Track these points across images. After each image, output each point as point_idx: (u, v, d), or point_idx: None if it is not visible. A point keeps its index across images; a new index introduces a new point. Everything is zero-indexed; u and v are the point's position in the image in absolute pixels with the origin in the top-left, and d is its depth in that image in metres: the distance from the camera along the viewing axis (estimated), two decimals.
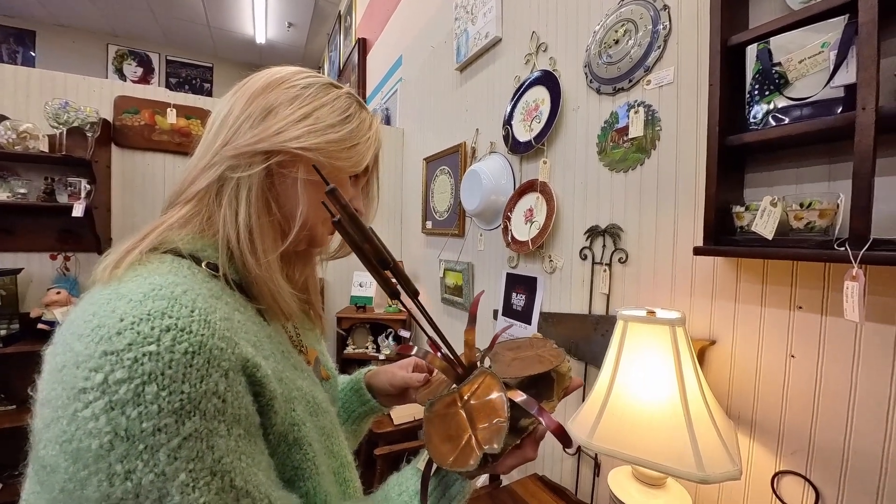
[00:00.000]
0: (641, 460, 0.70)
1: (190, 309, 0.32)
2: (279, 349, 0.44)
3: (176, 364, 0.30)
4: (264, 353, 0.39)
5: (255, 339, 0.39)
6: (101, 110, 1.93)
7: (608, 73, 1.12)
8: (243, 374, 0.34)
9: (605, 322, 1.11)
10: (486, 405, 0.40)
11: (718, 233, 0.80)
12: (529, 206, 1.39)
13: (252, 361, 0.35)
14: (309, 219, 0.47)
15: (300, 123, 0.44)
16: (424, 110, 2.28)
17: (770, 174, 0.80)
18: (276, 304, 0.44)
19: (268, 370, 0.37)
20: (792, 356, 0.77)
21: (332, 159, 0.46)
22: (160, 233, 0.41)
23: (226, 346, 0.33)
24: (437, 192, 2.08)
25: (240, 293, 0.42)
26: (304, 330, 0.57)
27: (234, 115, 0.45)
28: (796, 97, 0.70)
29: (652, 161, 1.02)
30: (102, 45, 4.80)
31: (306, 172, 0.45)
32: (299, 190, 0.45)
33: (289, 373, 0.43)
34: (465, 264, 1.80)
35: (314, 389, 0.47)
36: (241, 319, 0.38)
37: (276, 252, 0.44)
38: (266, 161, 0.43)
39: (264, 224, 0.43)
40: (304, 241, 0.50)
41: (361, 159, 0.49)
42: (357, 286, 2.34)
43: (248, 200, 0.42)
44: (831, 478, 0.72)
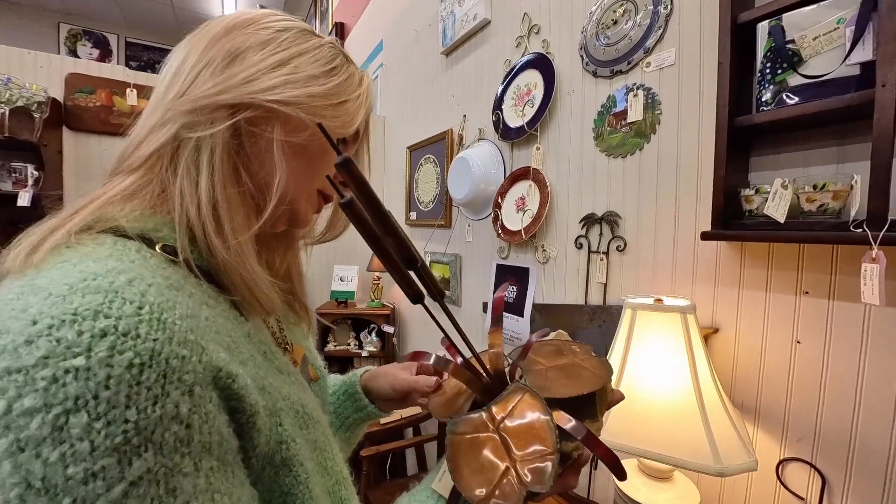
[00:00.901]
0: (654, 454, 0.66)
1: (137, 305, 0.24)
2: (260, 350, 0.36)
3: (116, 382, 0.22)
4: (241, 356, 0.32)
5: (228, 339, 0.31)
6: (51, 89, 1.75)
7: (605, 55, 1.08)
8: (214, 387, 0.27)
9: (601, 312, 1.08)
10: (527, 431, 0.33)
11: (726, 217, 0.78)
12: (521, 194, 1.35)
13: (226, 370, 0.28)
14: (289, 191, 0.39)
15: (275, 71, 0.36)
16: (408, 97, 2.20)
17: (777, 157, 0.78)
18: (253, 296, 0.36)
19: (247, 379, 0.30)
20: (798, 342, 0.76)
21: (316, 117, 0.38)
22: (96, 208, 0.32)
23: (188, 352, 0.25)
24: (422, 181, 2.01)
25: (207, 283, 0.34)
26: (287, 324, 0.50)
27: (190, 61, 0.36)
28: (811, 75, 0.68)
29: (652, 146, 0.99)
30: (53, 23, 4.42)
31: (284, 132, 0.37)
32: (276, 153, 0.37)
33: (272, 378, 0.35)
34: (452, 256, 1.75)
35: (303, 396, 0.39)
36: (209, 316, 0.30)
37: (249, 232, 0.36)
38: (232, 116, 0.35)
39: (232, 196, 0.35)
40: (283, 220, 0.42)
41: (351, 120, 0.41)
42: (338, 280, 2.25)
43: (210, 166, 0.34)
44: (838, 464, 0.71)
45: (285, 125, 0.37)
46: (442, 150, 1.81)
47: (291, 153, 0.38)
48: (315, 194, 0.43)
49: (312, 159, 0.40)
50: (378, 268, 2.24)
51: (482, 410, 0.37)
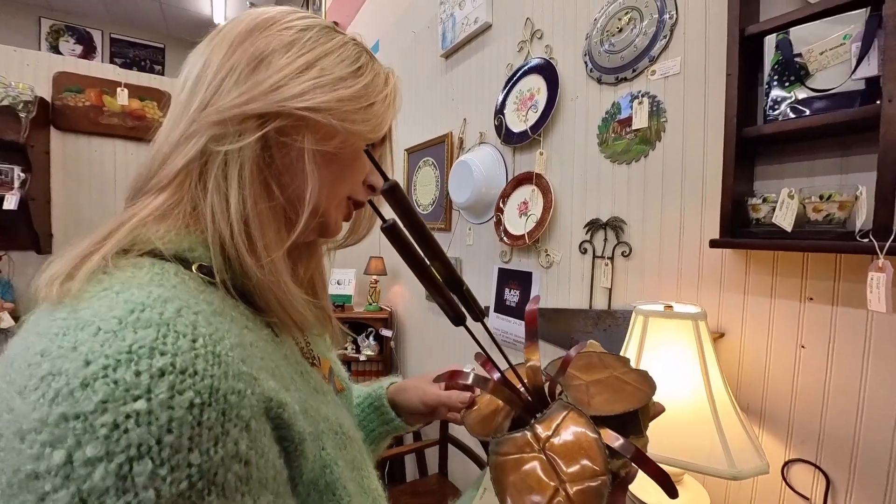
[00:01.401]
0: (669, 459, 0.67)
1: (190, 338, 0.23)
2: (298, 371, 0.36)
3: (179, 425, 0.21)
4: (285, 381, 0.31)
5: (272, 364, 0.30)
6: (37, 88, 1.70)
7: (610, 62, 1.09)
8: (267, 418, 0.26)
9: (607, 317, 1.10)
10: (575, 450, 0.33)
11: (734, 225, 0.80)
12: (524, 198, 1.36)
13: (276, 399, 0.27)
14: (321, 201, 0.37)
15: (303, 76, 0.35)
16: (406, 99, 2.19)
17: (782, 166, 0.81)
18: (288, 316, 0.35)
19: (294, 406, 0.29)
20: (802, 346, 0.78)
21: (346, 122, 0.36)
22: (130, 230, 0.31)
23: (244, 386, 0.24)
24: (421, 184, 2.01)
25: (244, 303, 0.33)
26: (312, 336, 0.49)
27: (212, 68, 0.35)
28: (818, 88, 0.70)
29: (657, 153, 1.00)
30: (34, 18, 4.28)
31: (314, 140, 0.35)
32: (307, 164, 0.35)
33: (312, 400, 0.35)
34: (452, 259, 1.75)
35: (339, 414, 0.39)
36: (253, 341, 0.30)
37: (282, 248, 0.34)
38: (261, 127, 0.33)
39: (263, 212, 0.33)
40: (313, 231, 0.40)
41: (380, 123, 0.40)
42: (335, 284, 2.23)
43: (239, 181, 0.32)
44: (842, 465, 0.73)
45: (315, 133, 0.35)
46: (441, 153, 1.81)
47: (323, 162, 0.37)
48: (344, 201, 0.42)
49: (344, 167, 0.39)
50: (376, 271, 2.22)
51: (526, 429, 0.36)
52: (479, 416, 0.44)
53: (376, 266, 2.23)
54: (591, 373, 0.41)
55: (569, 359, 0.41)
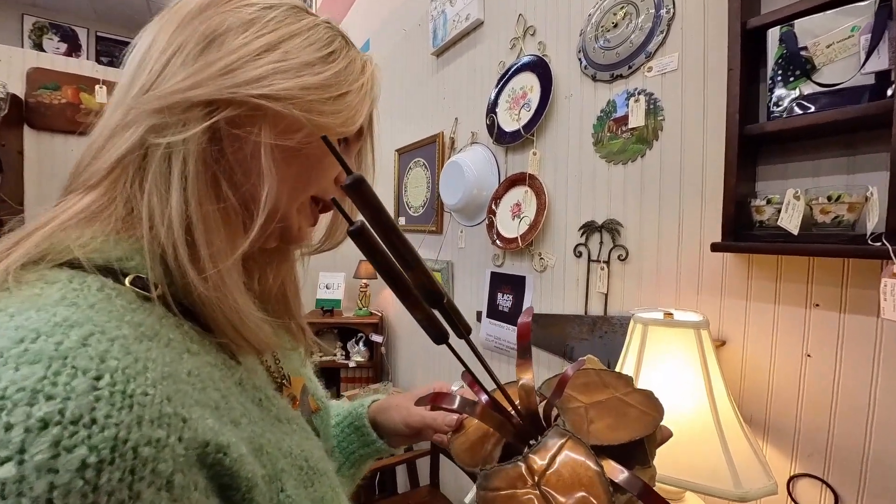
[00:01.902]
0: (669, 478, 0.63)
1: (93, 375, 0.19)
2: (255, 399, 0.31)
3: (63, 495, 0.16)
4: (233, 414, 0.26)
5: (217, 395, 0.26)
6: (10, 84, 1.62)
7: (605, 58, 1.05)
8: (201, 467, 0.22)
9: (603, 323, 1.05)
10: (573, 485, 0.29)
11: (736, 228, 0.76)
12: (517, 200, 1.31)
13: (215, 443, 0.22)
14: (281, 204, 0.33)
15: (261, 59, 0.30)
16: (396, 98, 2.14)
17: (786, 166, 0.77)
18: (240, 337, 0.30)
19: (241, 447, 0.24)
20: (808, 355, 0.74)
21: (311, 114, 0.31)
22: (45, 236, 0.26)
23: (165, 433, 0.20)
24: (412, 185, 1.96)
25: (189, 321, 0.28)
26: (283, 350, 0.44)
27: (157, 47, 0.30)
28: (825, 83, 0.66)
29: (654, 152, 0.96)
30: (16, 14, 4.17)
31: (273, 133, 0.30)
32: (263, 160, 0.30)
33: (271, 433, 0.30)
34: (444, 263, 1.70)
35: (307, 446, 0.34)
36: (193, 368, 0.25)
37: (232, 257, 0.29)
38: (209, 116, 0.28)
39: (209, 215, 0.28)
40: (273, 237, 0.36)
41: (354, 115, 0.35)
42: (323, 288, 2.17)
43: (182, 179, 0.28)
44: (850, 480, 0.69)
45: (275, 125, 0.31)
46: (432, 153, 1.76)
47: (283, 159, 0.32)
48: (308, 204, 0.37)
49: (309, 165, 0.34)
50: (366, 275, 2.17)
51: (518, 460, 0.32)
52: (467, 442, 0.39)
53: (366, 269, 2.17)
54: (590, 394, 0.36)
55: (566, 378, 0.36)
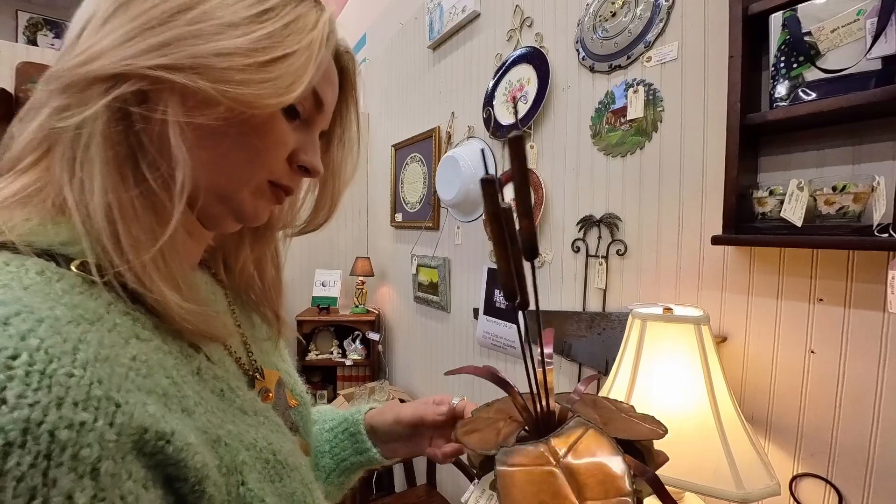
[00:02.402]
0: (671, 480, 0.61)
1: (10, 353, 0.18)
2: (215, 389, 0.29)
3: None
4: (186, 402, 0.25)
5: (167, 382, 0.24)
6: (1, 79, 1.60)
7: (604, 49, 1.03)
8: (139, 455, 0.20)
9: (601, 320, 1.03)
10: (596, 470, 0.29)
11: (738, 220, 0.74)
12: None
13: (155, 429, 0.21)
14: (215, 186, 0.30)
15: (171, 22, 0.26)
16: (392, 93, 2.12)
17: (788, 156, 0.74)
18: (183, 327, 0.28)
19: (188, 435, 0.23)
20: (812, 352, 0.72)
21: (226, 84, 0.27)
22: None
23: (90, 416, 0.18)
24: (408, 181, 1.93)
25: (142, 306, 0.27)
26: (258, 343, 0.41)
27: (78, 20, 0.28)
28: (829, 69, 0.64)
29: (653, 144, 0.94)
30: (10, 10, 4.14)
31: (183, 111, 0.27)
32: (173, 141, 0.27)
33: (233, 424, 0.28)
34: (440, 259, 1.68)
35: (276, 439, 0.32)
36: (140, 353, 0.23)
37: (155, 247, 0.26)
38: (107, 93, 0.25)
39: (125, 203, 0.26)
40: (228, 220, 0.33)
41: (294, 82, 0.29)
42: (319, 285, 2.15)
43: (86, 164, 0.25)
44: (856, 480, 0.67)
45: (185, 100, 0.27)
46: (429, 148, 1.74)
47: (201, 138, 0.28)
48: (265, 186, 0.33)
49: (244, 145, 0.30)
50: (363, 272, 2.15)
51: (539, 442, 0.32)
52: (479, 434, 0.38)
53: (363, 267, 2.15)
54: (600, 411, 0.36)
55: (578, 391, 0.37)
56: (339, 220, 2.38)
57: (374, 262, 2.22)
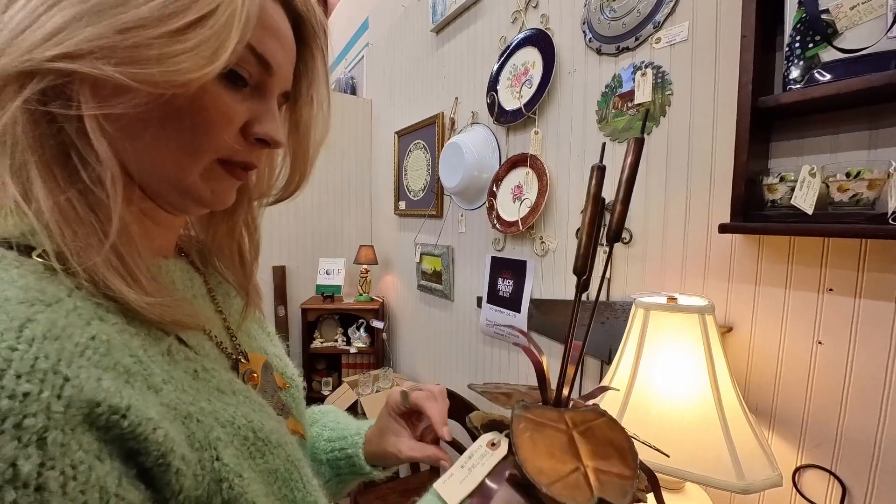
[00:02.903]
0: (671, 469, 0.60)
1: None
2: (188, 369, 0.29)
3: None
4: (153, 380, 0.25)
5: (131, 360, 0.24)
6: None
7: (611, 30, 0.99)
8: (91, 428, 0.20)
9: (605, 309, 1.02)
10: (606, 445, 0.31)
11: (746, 208, 0.71)
12: (518, 182, 1.27)
13: (109, 403, 0.21)
14: (159, 172, 0.28)
15: (58, 6, 0.23)
16: (395, 78, 2.09)
17: (801, 141, 0.72)
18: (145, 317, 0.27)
19: (148, 410, 0.22)
20: (819, 342, 0.71)
21: (136, 65, 0.24)
22: None
23: (35, 387, 0.19)
24: (412, 168, 1.91)
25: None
26: (243, 324, 0.40)
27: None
28: (847, 49, 0.61)
29: (661, 130, 0.91)
30: None
31: (97, 102, 0.24)
32: (93, 136, 0.25)
33: (207, 402, 0.28)
34: (444, 248, 1.67)
35: (258, 417, 0.31)
36: (100, 333, 0.23)
37: (102, 252, 0.25)
38: (18, 94, 0.23)
39: (62, 205, 0.24)
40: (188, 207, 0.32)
41: (219, 46, 0.26)
42: (323, 274, 2.15)
43: (25, 168, 0.24)
44: (860, 472, 0.66)
45: (97, 90, 0.24)
46: (432, 134, 1.72)
47: (125, 129, 0.26)
48: (215, 167, 0.31)
49: (175, 129, 0.28)
50: (366, 260, 2.15)
51: (556, 409, 0.34)
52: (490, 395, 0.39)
53: (367, 255, 2.15)
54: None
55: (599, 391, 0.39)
56: (342, 208, 2.38)
57: (377, 250, 2.22)
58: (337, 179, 2.34)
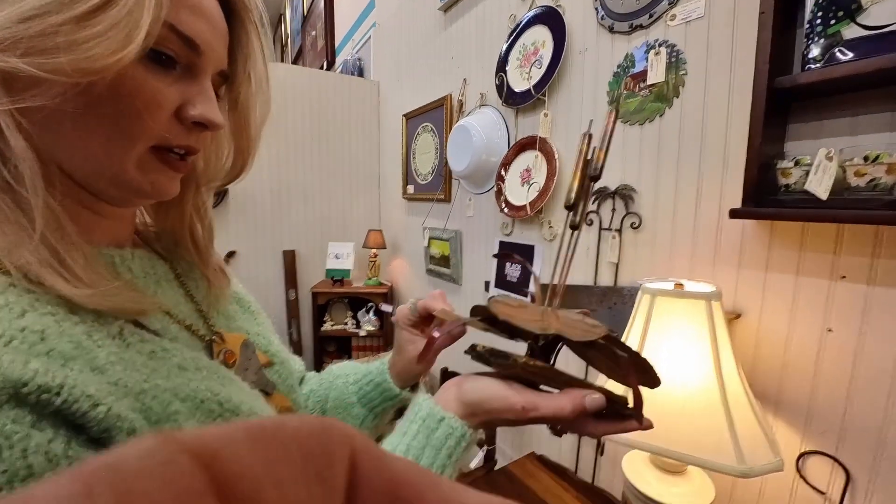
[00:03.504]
0: (672, 452, 0.61)
1: None
2: (143, 349, 0.29)
3: None
4: (95, 362, 0.25)
5: (69, 346, 0.24)
6: None
7: (624, 6, 0.96)
8: (21, 405, 0.21)
9: (613, 294, 1.02)
10: (574, 322, 0.34)
11: (759, 193, 0.70)
12: (527, 165, 1.25)
13: (37, 382, 0.21)
14: (90, 166, 0.28)
15: None
16: (403, 59, 2.05)
17: (820, 124, 0.69)
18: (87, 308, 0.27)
19: (88, 388, 0.23)
20: (829, 330, 0.70)
21: (43, 55, 0.23)
22: None
23: None
24: (420, 152, 1.90)
25: None
26: (215, 306, 0.41)
27: None
28: (871, 25, 0.58)
29: (674, 111, 0.89)
30: None
31: (9, 97, 0.24)
32: (7, 133, 0.24)
33: (164, 380, 0.28)
34: (452, 232, 1.67)
35: (226, 391, 0.32)
36: (32, 324, 0.23)
37: (32, 251, 0.25)
38: None
39: None
40: (132, 198, 0.32)
41: (132, 28, 0.25)
42: (333, 258, 2.18)
43: None
44: (864, 459, 0.66)
45: (9, 84, 0.24)
46: (440, 117, 1.70)
47: (44, 122, 0.25)
48: (149, 157, 0.30)
49: (98, 119, 0.27)
50: (375, 244, 2.16)
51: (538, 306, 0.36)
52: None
53: (375, 239, 2.16)
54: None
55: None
56: (351, 193, 2.38)
57: (386, 234, 2.23)
58: (345, 164, 2.34)
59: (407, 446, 0.34)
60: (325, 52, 3.05)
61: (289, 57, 4.26)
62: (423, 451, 0.34)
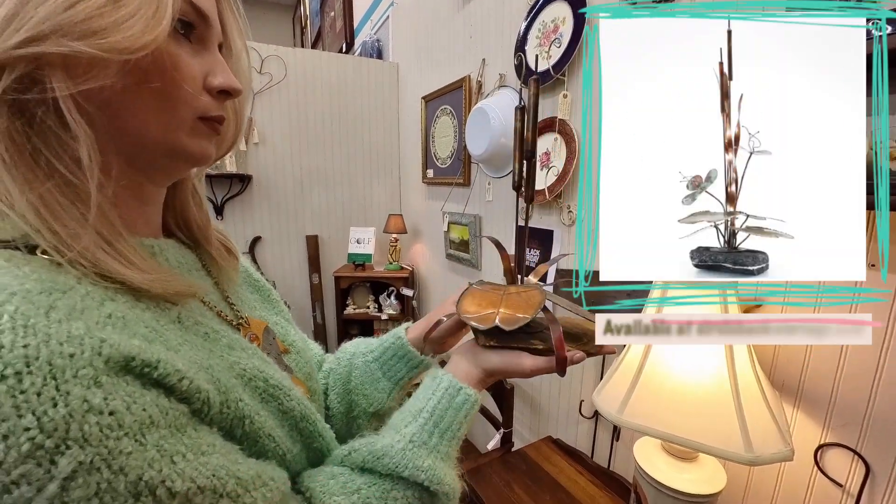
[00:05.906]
0: (681, 439, 0.62)
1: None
2: (199, 332, 0.33)
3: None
4: (170, 343, 0.28)
5: (146, 329, 0.27)
6: None
7: None
8: (127, 374, 0.24)
9: None
10: (524, 301, 0.44)
11: None
12: (546, 148, 1.23)
13: (142, 358, 0.24)
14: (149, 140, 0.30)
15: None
16: (421, 40, 2.02)
17: None
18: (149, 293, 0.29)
19: (176, 363, 0.26)
20: None
21: (96, 36, 0.25)
22: None
23: (80, 350, 0.22)
24: (439, 135, 1.89)
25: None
26: (238, 296, 0.44)
27: None
28: None
29: None
30: None
31: (72, 80, 0.25)
32: (69, 116, 0.25)
33: (219, 359, 0.32)
34: (471, 217, 1.67)
35: (266, 369, 0.36)
36: (115, 311, 0.26)
37: (88, 234, 0.26)
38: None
39: (46, 197, 0.26)
40: (178, 167, 0.35)
41: (160, 5, 0.27)
42: (354, 243, 2.22)
43: (6, 165, 0.25)
44: (887, 454, 0.64)
45: (69, 70, 0.25)
46: (459, 99, 1.67)
47: (103, 103, 0.27)
48: (197, 124, 0.32)
49: (150, 93, 0.29)
50: (395, 229, 2.19)
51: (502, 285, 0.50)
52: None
53: (396, 224, 2.19)
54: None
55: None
56: (371, 177, 2.40)
57: (406, 219, 2.25)
58: (365, 148, 2.36)
59: (433, 408, 0.41)
60: (343, 34, 3.04)
61: (309, 38, 4.26)
62: (447, 413, 0.41)
